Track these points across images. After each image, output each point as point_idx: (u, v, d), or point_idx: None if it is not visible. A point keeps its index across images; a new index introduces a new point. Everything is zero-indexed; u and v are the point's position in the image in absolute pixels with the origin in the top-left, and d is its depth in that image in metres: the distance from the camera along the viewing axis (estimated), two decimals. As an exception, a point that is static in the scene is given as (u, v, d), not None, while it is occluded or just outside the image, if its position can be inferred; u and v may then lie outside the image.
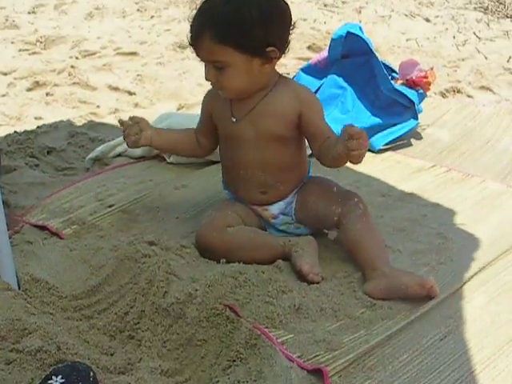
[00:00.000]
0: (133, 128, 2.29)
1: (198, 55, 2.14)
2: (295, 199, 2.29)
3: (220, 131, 2.32)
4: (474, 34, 5.23)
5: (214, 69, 2.11)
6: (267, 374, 1.64)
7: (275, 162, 2.24)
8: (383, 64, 3.20)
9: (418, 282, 1.99)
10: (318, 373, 1.69)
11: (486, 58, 4.69)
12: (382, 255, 2.12)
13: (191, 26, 2.11)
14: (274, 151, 2.22)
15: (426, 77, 3.18)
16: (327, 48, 3.24)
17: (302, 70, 3.30)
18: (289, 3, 2.17)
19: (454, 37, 5.16)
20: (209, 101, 2.36)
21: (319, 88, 3.17)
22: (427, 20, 5.60)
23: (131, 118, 2.32)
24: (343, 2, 6.04)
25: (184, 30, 5.03)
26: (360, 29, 3.14)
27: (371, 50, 3.09)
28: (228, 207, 2.29)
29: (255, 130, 2.21)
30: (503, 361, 1.79)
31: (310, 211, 2.26)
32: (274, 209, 2.29)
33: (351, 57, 3.18)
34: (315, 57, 3.35)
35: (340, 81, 3.15)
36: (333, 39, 3.17)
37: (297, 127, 2.20)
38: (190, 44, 2.13)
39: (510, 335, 1.88)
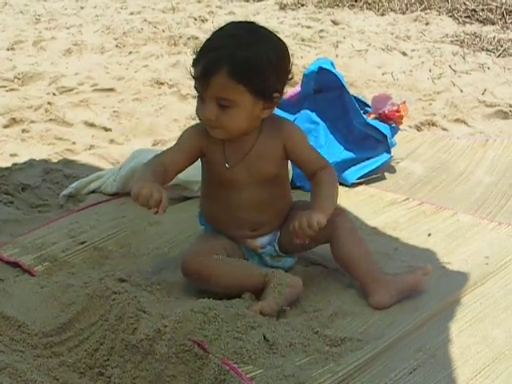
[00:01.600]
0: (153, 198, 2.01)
1: (203, 89, 2.05)
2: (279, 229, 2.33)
3: (208, 173, 2.27)
4: (450, 67, 5.28)
5: (217, 107, 2.05)
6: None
7: (269, 201, 2.26)
8: (356, 98, 3.24)
9: (420, 275, 2.19)
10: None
11: (461, 90, 4.73)
12: (376, 266, 2.25)
13: (200, 59, 2.06)
14: (269, 190, 2.24)
15: (398, 111, 3.21)
16: (300, 83, 3.26)
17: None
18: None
19: (430, 70, 5.22)
20: (200, 139, 2.21)
21: (292, 123, 3.19)
22: (404, 54, 5.66)
23: (146, 190, 2.00)
24: (321, 37, 6.11)
25: (162, 66, 5.15)
26: (332, 64, 3.17)
27: (343, 84, 3.12)
28: (211, 239, 2.29)
29: (249, 173, 2.21)
30: None
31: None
32: (263, 240, 2.31)
33: (323, 92, 3.20)
34: (288, 92, 3.38)
35: (313, 116, 3.17)
36: (305, 75, 3.20)
37: (286, 161, 2.29)
38: (197, 77, 2.06)
39: (478, 368, 1.89)
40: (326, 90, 3.19)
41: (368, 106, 3.32)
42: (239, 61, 2.01)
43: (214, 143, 2.19)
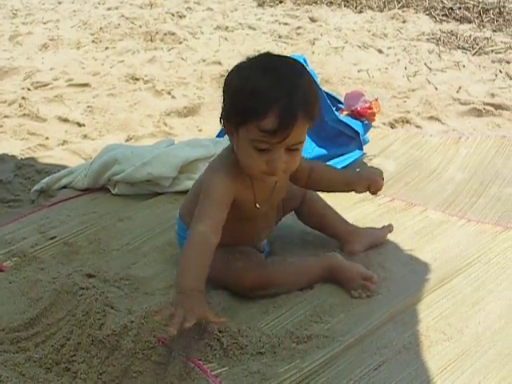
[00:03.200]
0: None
1: (276, 142, 1.88)
2: None
3: (235, 213, 2.08)
4: (426, 64, 5.30)
5: (286, 153, 1.93)
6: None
7: (275, 215, 2.34)
8: (329, 95, 3.25)
9: (386, 231, 2.52)
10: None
11: (436, 88, 4.75)
12: (347, 222, 2.50)
13: (267, 109, 1.84)
14: (275, 209, 2.31)
15: (370, 108, 3.22)
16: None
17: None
18: (244, 35, 2.20)
19: (406, 68, 5.23)
20: (233, 187, 2.05)
21: (264, 119, 3.19)
22: (380, 51, 5.67)
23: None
24: (298, 34, 6.11)
25: (138, 62, 5.14)
26: (304, 60, 3.17)
27: (315, 81, 3.12)
28: (235, 250, 2.20)
29: (271, 205, 2.23)
30: None
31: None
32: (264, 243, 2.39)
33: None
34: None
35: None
36: (278, 71, 3.20)
37: None
38: (269, 130, 1.86)
39: (444, 364, 1.90)
40: (299, 86, 3.19)
41: (341, 102, 3.33)
42: (309, 101, 1.92)
43: (244, 186, 2.08)
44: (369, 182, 2.34)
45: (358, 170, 2.50)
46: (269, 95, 1.86)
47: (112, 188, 2.89)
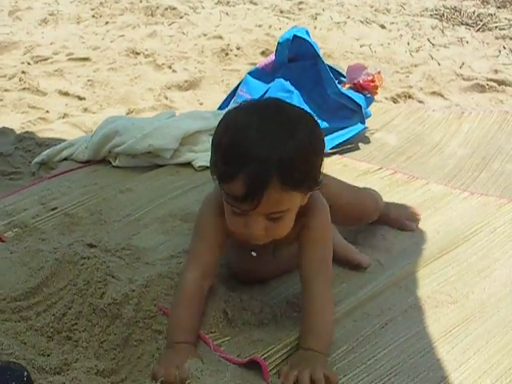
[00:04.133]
0: None
1: (249, 208, 1.67)
2: None
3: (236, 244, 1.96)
4: (429, 40, 5.28)
5: (266, 220, 1.72)
6: (204, 372, 1.64)
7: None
8: (331, 68, 3.23)
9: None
10: (254, 365, 1.70)
11: (438, 64, 4.74)
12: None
13: (236, 173, 1.63)
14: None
15: (373, 80, 3.20)
16: (274, 52, 3.25)
17: (250, 73, 3.31)
18: (245, 10, 2.16)
19: (408, 43, 5.21)
20: (223, 225, 1.84)
21: (266, 92, 3.18)
22: (382, 26, 5.65)
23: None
24: (300, 9, 6.09)
25: (138, 36, 5.11)
26: (307, 32, 3.16)
27: (318, 53, 3.11)
28: None
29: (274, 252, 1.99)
30: (439, 350, 1.83)
31: None
32: None
33: (298, 60, 3.19)
34: (262, 61, 3.37)
35: (287, 84, 3.16)
36: (279, 43, 3.19)
37: None
38: (238, 196, 1.66)
39: (448, 327, 1.93)
40: (301, 58, 3.18)
41: (343, 75, 3.31)
42: (289, 167, 1.63)
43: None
44: None
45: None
46: (238, 158, 1.64)
47: (113, 160, 2.88)
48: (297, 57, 3.19)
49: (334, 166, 2.96)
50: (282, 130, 1.66)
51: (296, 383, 1.63)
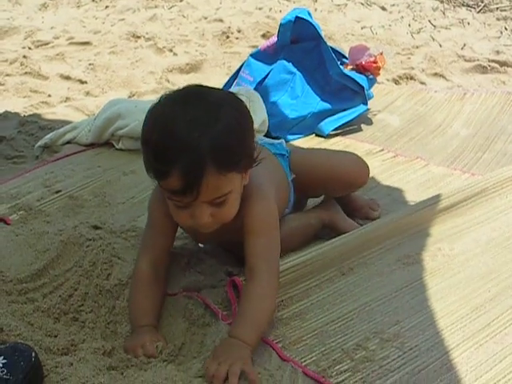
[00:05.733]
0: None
1: (189, 200, 1.66)
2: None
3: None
4: (430, 22, 5.27)
5: (210, 207, 1.70)
6: (215, 342, 1.68)
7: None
8: (333, 49, 3.22)
9: None
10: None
11: (440, 45, 4.73)
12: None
13: (170, 168, 1.61)
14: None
15: (375, 62, 3.20)
16: (276, 33, 3.24)
17: (252, 55, 3.30)
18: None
19: (409, 25, 5.21)
20: (171, 218, 1.82)
21: (269, 73, 3.17)
22: (383, 8, 5.65)
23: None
24: (300, -9, 6.07)
25: (139, 20, 5.11)
26: (309, 14, 3.15)
27: (320, 34, 3.11)
28: None
29: (220, 241, 2.05)
30: (400, 300, 1.88)
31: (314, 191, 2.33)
32: None
33: (300, 42, 3.19)
34: (265, 42, 3.36)
35: (289, 66, 3.15)
36: (281, 24, 3.18)
37: None
38: (175, 190, 1.64)
39: (410, 279, 1.97)
40: (303, 39, 3.18)
41: (345, 57, 3.31)
42: (222, 149, 1.63)
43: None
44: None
45: None
46: (168, 153, 1.62)
47: (116, 143, 2.88)
48: (299, 38, 3.18)
49: (335, 147, 2.97)
50: (208, 115, 1.64)
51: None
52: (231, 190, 1.70)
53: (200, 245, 2.00)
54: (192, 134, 1.60)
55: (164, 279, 1.89)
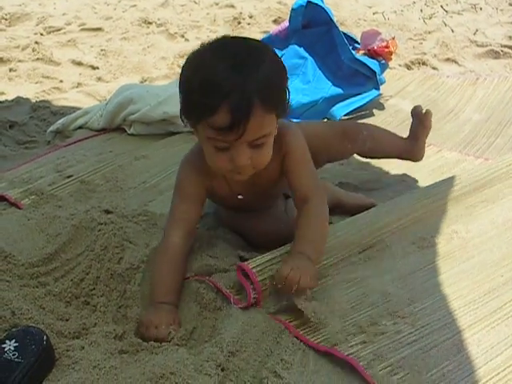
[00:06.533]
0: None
1: (233, 139, 1.68)
2: None
3: (221, 202, 2.09)
4: (442, 7, 5.25)
5: (250, 149, 1.73)
6: (227, 326, 1.68)
7: (272, 190, 2.08)
8: (345, 34, 3.22)
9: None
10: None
11: (452, 30, 4.71)
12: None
13: (219, 105, 1.63)
14: (278, 203, 2.17)
15: (387, 46, 3.19)
16: (288, 18, 3.23)
17: (263, 40, 3.29)
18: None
19: (422, 10, 5.18)
20: (203, 182, 1.92)
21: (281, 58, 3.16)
22: (395, -6, 5.62)
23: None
24: (311, -23, 6.04)
25: (150, 6, 5.10)
26: (321, -1, 3.15)
27: (332, 19, 3.10)
28: None
29: (255, 195, 2.01)
30: (413, 282, 1.89)
31: (322, 161, 2.32)
32: None
33: (312, 27, 3.18)
34: (276, 27, 3.36)
35: (301, 51, 3.15)
36: (293, 9, 3.17)
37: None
38: (223, 127, 1.65)
39: (424, 262, 1.98)
40: (315, 24, 3.17)
41: (357, 42, 3.30)
42: (268, 88, 1.67)
43: (215, 179, 1.93)
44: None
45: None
46: (218, 88, 1.63)
47: (128, 128, 2.88)
48: (310, 23, 3.18)
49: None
50: (251, 57, 1.68)
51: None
52: (270, 131, 1.74)
53: (239, 196, 1.99)
54: (239, 72, 1.64)
55: (189, 255, 1.92)
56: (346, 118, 3.07)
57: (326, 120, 3.09)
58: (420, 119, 2.48)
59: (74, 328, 1.73)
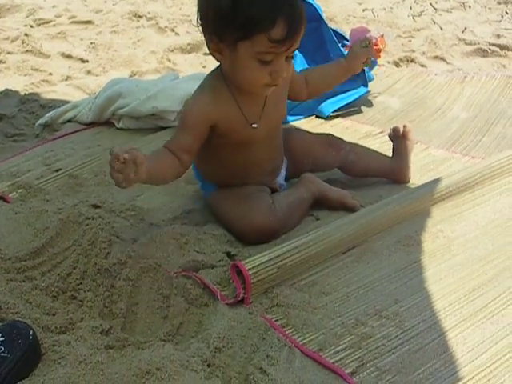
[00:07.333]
0: (130, 168, 1.71)
1: (284, 49, 1.83)
2: (285, 161, 2.34)
3: (227, 139, 2.07)
4: (431, 5, 5.26)
5: (285, 61, 1.89)
6: (213, 322, 1.70)
7: (280, 144, 2.27)
8: (334, 31, 3.21)
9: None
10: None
11: (441, 28, 4.72)
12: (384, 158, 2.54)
13: (276, 17, 1.76)
14: (279, 136, 2.26)
15: (376, 44, 3.17)
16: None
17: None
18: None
19: (411, 7, 5.19)
20: (208, 116, 1.99)
21: (270, 54, 3.17)
22: (385, -9, 5.62)
23: (129, 154, 1.70)
24: (302, -27, 6.04)
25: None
26: (311, -6, 3.14)
27: (321, 16, 3.10)
28: (251, 189, 2.16)
29: (268, 127, 2.12)
30: (399, 280, 1.92)
31: (305, 163, 2.36)
32: (280, 179, 2.32)
33: (301, 23, 3.18)
34: (266, 24, 3.35)
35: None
36: (283, 6, 3.17)
37: None
38: (280, 39, 1.79)
39: (409, 260, 2.01)
40: (304, 21, 3.17)
41: (346, 39, 3.30)
42: (303, 7, 1.84)
43: (228, 106, 2.01)
44: (364, 53, 2.38)
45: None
46: (273, 3, 1.77)
47: (116, 122, 2.89)
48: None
49: (335, 129, 2.97)
50: None
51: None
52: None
53: (254, 125, 2.06)
54: None
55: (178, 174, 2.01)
56: (335, 114, 3.08)
57: (314, 117, 3.11)
58: (403, 135, 2.50)
59: (60, 323, 1.74)
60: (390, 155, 2.53)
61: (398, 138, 2.51)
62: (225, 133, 2.04)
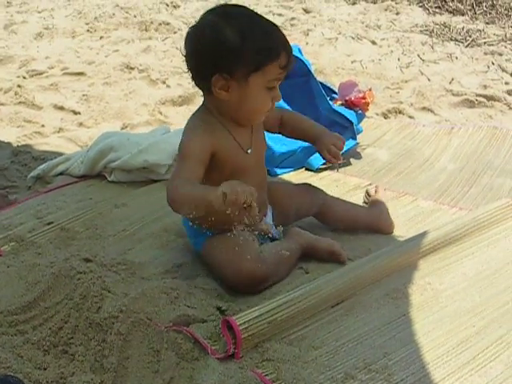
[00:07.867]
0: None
1: (281, 79, 2.15)
2: (270, 208, 2.37)
3: (224, 168, 2.14)
4: (419, 56, 5.32)
5: None
6: (204, 376, 1.71)
7: (265, 178, 2.35)
8: (323, 85, 3.27)
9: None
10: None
11: (428, 79, 4.77)
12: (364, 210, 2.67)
13: (281, 51, 2.05)
14: (264, 167, 2.35)
15: (364, 97, 3.24)
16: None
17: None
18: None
19: (399, 59, 5.24)
20: (210, 142, 2.09)
21: (259, 108, 3.21)
22: (373, 42, 5.68)
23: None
24: (292, 25, 6.12)
25: (133, 51, 5.15)
26: (299, 50, 3.19)
27: (310, 71, 3.15)
28: (241, 237, 2.11)
29: (258, 153, 2.26)
30: (388, 334, 1.94)
31: (290, 211, 2.42)
32: (267, 219, 2.34)
33: (291, 78, 3.21)
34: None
35: (280, 102, 3.18)
36: (273, 61, 3.21)
37: None
38: (286, 65, 2.09)
39: (398, 313, 2.03)
40: (293, 76, 3.20)
41: (335, 92, 3.35)
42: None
43: (222, 136, 2.13)
44: (333, 140, 2.36)
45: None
46: (276, 35, 2.07)
47: (108, 175, 2.91)
48: (289, 74, 3.21)
49: (324, 181, 3.00)
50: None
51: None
52: None
53: (248, 151, 2.20)
54: (275, 27, 2.09)
55: None
56: (324, 167, 3.11)
57: (303, 169, 3.14)
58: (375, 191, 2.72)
59: (52, 377, 1.74)
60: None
61: (371, 196, 2.69)
62: (223, 161, 2.12)
